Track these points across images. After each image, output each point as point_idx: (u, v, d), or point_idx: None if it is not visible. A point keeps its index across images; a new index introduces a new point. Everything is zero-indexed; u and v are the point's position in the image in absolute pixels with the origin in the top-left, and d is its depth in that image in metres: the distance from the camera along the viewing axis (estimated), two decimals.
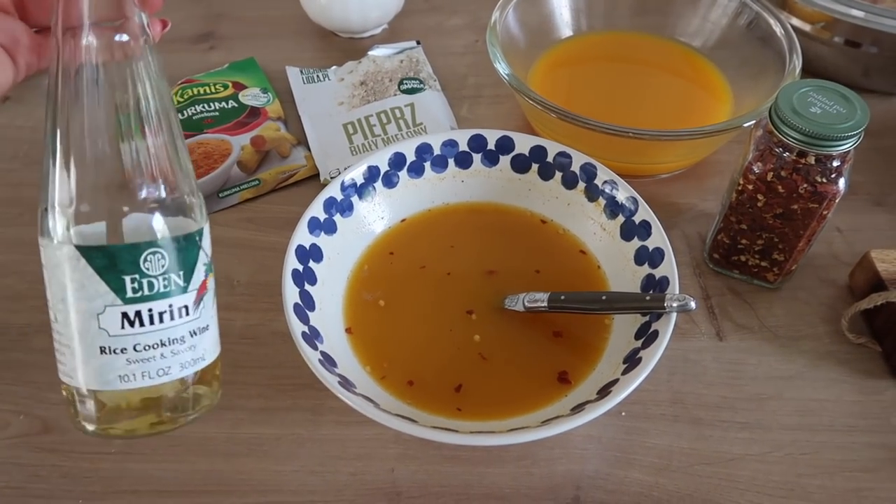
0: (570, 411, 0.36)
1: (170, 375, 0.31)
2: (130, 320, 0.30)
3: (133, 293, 0.30)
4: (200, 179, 0.53)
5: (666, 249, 0.41)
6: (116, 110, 0.30)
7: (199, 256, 0.32)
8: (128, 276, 0.30)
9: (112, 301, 0.30)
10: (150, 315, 0.30)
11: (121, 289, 0.30)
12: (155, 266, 0.30)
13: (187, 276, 0.31)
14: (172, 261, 0.31)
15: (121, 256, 0.29)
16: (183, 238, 0.31)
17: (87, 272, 0.29)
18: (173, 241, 0.31)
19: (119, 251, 0.29)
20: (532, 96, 0.49)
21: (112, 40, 0.30)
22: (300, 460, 0.41)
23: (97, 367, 0.30)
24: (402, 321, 0.43)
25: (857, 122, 0.39)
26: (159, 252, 0.30)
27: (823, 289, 0.48)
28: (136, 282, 0.30)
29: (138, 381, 0.30)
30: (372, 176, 0.46)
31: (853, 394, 0.43)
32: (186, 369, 0.32)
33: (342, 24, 0.65)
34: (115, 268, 0.29)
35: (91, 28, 0.30)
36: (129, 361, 0.30)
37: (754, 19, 0.57)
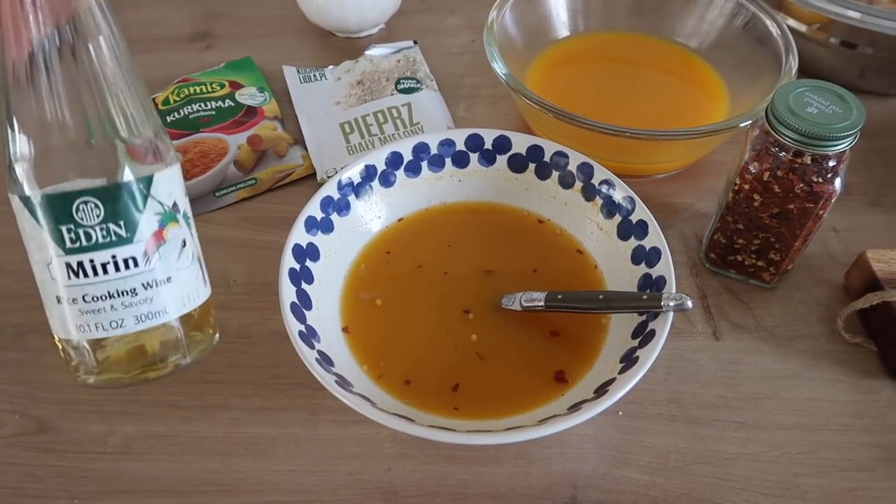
0: (567, 410, 0.36)
1: (124, 328, 0.31)
2: (74, 271, 0.30)
3: (72, 243, 0.30)
4: (197, 178, 0.53)
5: (663, 249, 0.41)
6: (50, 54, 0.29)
7: (146, 205, 0.31)
8: (64, 227, 0.30)
9: (56, 252, 0.30)
10: (92, 266, 0.30)
11: (60, 239, 0.30)
12: (89, 216, 0.30)
13: (129, 226, 0.31)
14: (108, 210, 0.30)
15: (53, 205, 0.29)
16: (119, 187, 0.30)
17: (31, 222, 0.30)
18: (107, 191, 0.30)
19: (52, 200, 0.29)
20: (529, 96, 0.50)
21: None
22: (297, 460, 0.41)
23: (57, 316, 0.31)
24: (399, 320, 0.43)
25: (853, 121, 0.39)
26: (91, 201, 0.30)
27: (819, 289, 0.48)
28: (73, 232, 0.30)
29: (93, 331, 0.31)
30: (369, 175, 0.46)
31: (849, 393, 0.43)
32: (142, 323, 0.32)
33: (339, 24, 0.65)
34: (51, 217, 0.29)
35: None
36: (81, 312, 0.30)
37: (751, 20, 0.57)
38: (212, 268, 0.49)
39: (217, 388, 0.43)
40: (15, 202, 0.30)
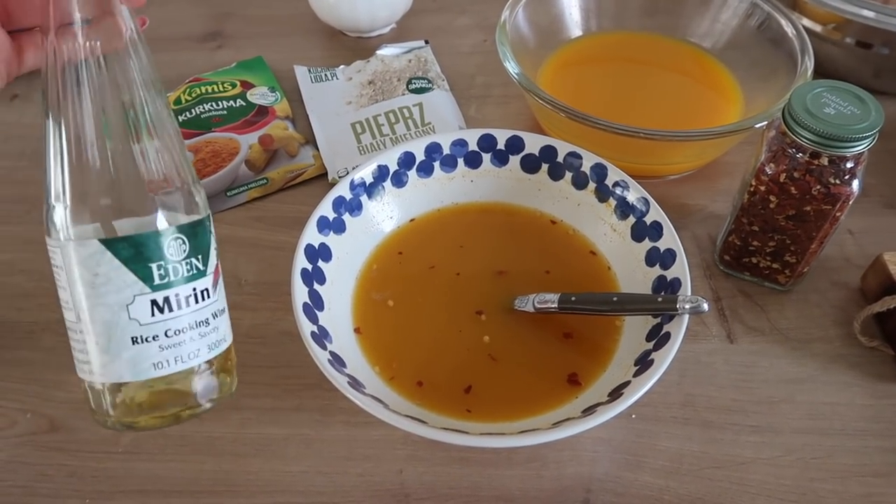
0: (580, 413, 0.36)
1: (199, 357, 0.32)
2: (160, 307, 0.31)
3: (160, 280, 0.31)
4: (208, 178, 0.53)
5: (678, 250, 0.41)
6: (122, 106, 0.31)
7: (211, 241, 0.34)
8: (154, 264, 0.31)
9: (141, 290, 0.31)
10: (177, 300, 0.31)
11: (148, 277, 0.31)
12: (177, 251, 0.31)
13: (205, 259, 0.33)
14: (191, 245, 0.32)
15: (146, 245, 0.31)
16: (198, 223, 0.33)
17: (113, 264, 0.30)
18: (190, 227, 0.32)
19: (145, 239, 0.31)
20: (542, 96, 0.49)
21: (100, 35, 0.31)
22: (308, 461, 0.41)
23: (129, 358, 0.31)
24: (412, 322, 0.43)
25: (871, 123, 0.39)
26: (180, 238, 0.31)
27: (835, 291, 0.48)
28: (162, 268, 0.31)
29: (172, 366, 0.31)
30: (381, 175, 0.46)
31: (865, 397, 0.43)
32: (214, 350, 0.33)
33: (350, 24, 0.65)
34: (142, 256, 0.31)
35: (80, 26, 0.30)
36: (161, 348, 0.31)
37: (765, 20, 0.57)
38: (223, 267, 0.49)
39: None
40: (87, 247, 0.30)
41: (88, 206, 0.30)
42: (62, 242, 0.31)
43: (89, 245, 0.30)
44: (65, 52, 0.30)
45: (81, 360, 0.32)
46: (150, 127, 0.32)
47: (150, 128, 0.32)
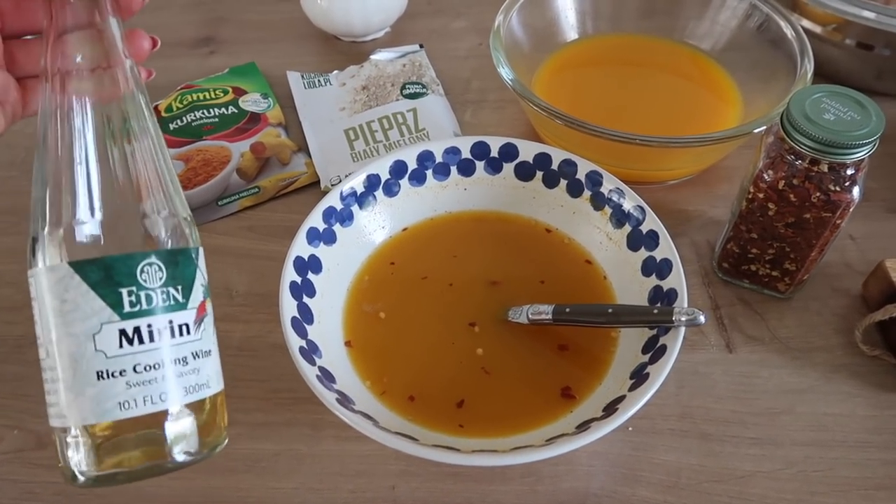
0: (575, 429, 0.35)
1: (172, 400, 0.29)
2: (129, 338, 0.28)
3: (131, 307, 0.28)
4: (199, 187, 0.52)
5: (674, 260, 0.40)
6: (105, 138, 0.30)
7: (196, 275, 0.31)
8: (125, 289, 0.28)
9: (109, 318, 0.28)
10: (149, 331, 0.29)
11: (118, 303, 0.28)
12: (152, 278, 0.29)
13: (186, 291, 0.30)
14: (169, 274, 0.30)
15: (116, 267, 0.28)
16: (179, 252, 0.30)
17: (81, 289, 0.28)
18: (169, 254, 0.30)
19: (115, 262, 0.28)
20: (536, 102, 0.48)
21: (100, 82, 0.31)
22: (299, 477, 0.40)
23: (94, 395, 0.28)
24: (403, 334, 0.42)
25: (872, 129, 0.38)
26: (156, 263, 0.29)
27: (836, 298, 0.47)
28: (134, 294, 0.29)
29: (139, 407, 0.28)
30: (372, 185, 0.45)
31: (867, 408, 0.42)
32: (191, 395, 0.30)
33: (344, 28, 0.65)
34: (112, 280, 0.28)
35: (79, 72, 0.30)
36: (128, 385, 0.28)
37: (764, 21, 0.56)
38: (214, 278, 0.48)
39: None
40: (57, 272, 0.29)
41: (63, 230, 0.29)
42: (37, 270, 0.29)
43: (59, 269, 0.28)
44: (57, 99, 0.30)
45: (51, 404, 0.30)
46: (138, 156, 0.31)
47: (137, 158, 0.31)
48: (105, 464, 0.29)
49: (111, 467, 0.29)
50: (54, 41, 0.30)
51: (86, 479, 0.29)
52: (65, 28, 0.30)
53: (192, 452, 0.30)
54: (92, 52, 0.31)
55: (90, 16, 0.31)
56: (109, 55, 0.31)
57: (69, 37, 0.30)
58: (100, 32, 0.31)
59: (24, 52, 0.35)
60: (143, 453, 0.29)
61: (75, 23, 0.30)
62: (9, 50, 0.34)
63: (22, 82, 0.35)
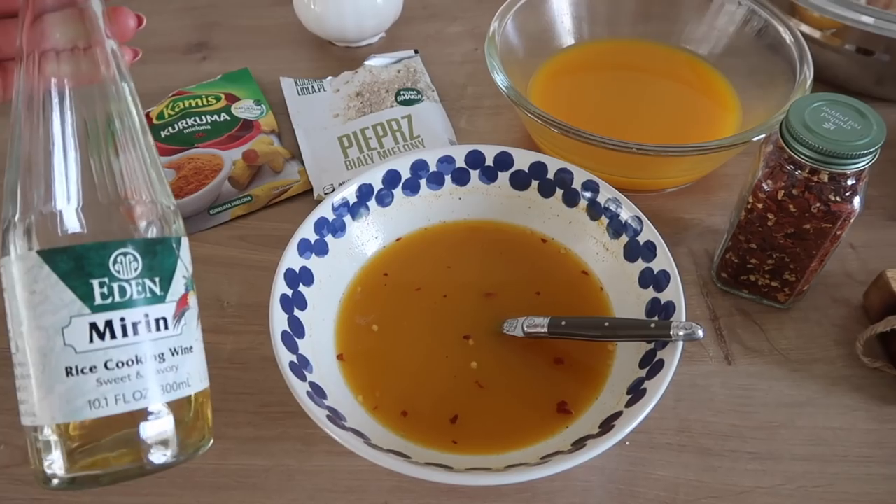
0: (571, 446, 0.35)
1: (147, 399, 0.27)
2: (100, 332, 0.27)
3: (102, 299, 0.27)
4: (191, 196, 0.52)
5: (672, 272, 0.39)
6: (85, 124, 0.29)
7: (177, 265, 0.29)
8: (96, 280, 0.27)
9: (79, 310, 0.27)
10: (122, 325, 0.27)
11: (88, 295, 0.27)
12: (126, 269, 0.28)
13: (164, 284, 0.29)
14: (146, 264, 0.28)
15: (88, 257, 0.27)
16: (158, 241, 0.29)
17: (50, 280, 0.27)
18: (146, 244, 0.28)
19: (86, 251, 0.27)
20: (532, 110, 0.48)
21: (78, 64, 0.29)
22: (290, 493, 0.39)
23: (62, 392, 0.27)
24: (396, 347, 0.41)
25: (873, 138, 0.37)
26: (131, 253, 0.28)
27: (836, 309, 0.46)
28: (106, 286, 0.27)
29: (111, 406, 0.27)
30: (365, 194, 0.45)
31: (869, 422, 0.41)
32: (170, 393, 0.28)
33: (338, 33, 0.64)
34: (82, 271, 0.27)
35: (56, 53, 0.28)
36: (99, 382, 0.27)
37: (763, 27, 0.55)
38: (205, 289, 0.48)
39: None
40: (26, 261, 0.27)
41: (34, 217, 0.27)
42: (8, 259, 0.28)
43: (28, 258, 0.27)
44: (33, 81, 0.28)
45: (22, 401, 0.28)
46: (118, 142, 0.29)
47: (116, 143, 0.29)
48: (79, 465, 0.28)
49: (86, 468, 0.28)
50: (32, 20, 0.28)
51: (59, 482, 0.28)
52: (43, 7, 0.28)
53: (172, 454, 0.29)
54: (71, 31, 0.29)
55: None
56: (90, 35, 0.29)
57: (48, 16, 0.28)
58: (80, 11, 0.29)
59: (2, 34, 0.33)
60: (119, 455, 0.28)
61: (54, 1, 0.29)
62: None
63: (2, 65, 0.33)
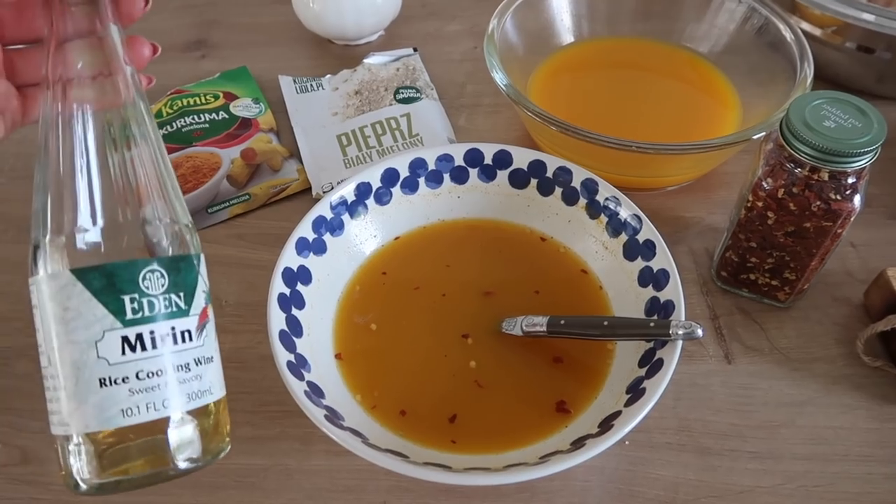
0: (570, 445, 0.35)
1: (175, 408, 0.29)
2: (132, 344, 0.29)
3: (133, 314, 0.29)
4: (189, 195, 0.52)
5: (671, 271, 0.39)
6: (107, 145, 0.30)
7: (198, 281, 0.31)
8: (127, 296, 0.29)
9: (111, 325, 0.28)
10: (152, 338, 0.29)
11: (120, 310, 0.29)
12: (155, 285, 0.29)
13: (188, 298, 0.30)
14: (171, 281, 0.30)
15: (119, 274, 0.29)
16: (181, 258, 0.31)
17: (83, 297, 0.28)
18: (171, 261, 0.30)
19: (117, 269, 0.29)
20: (531, 108, 0.47)
21: (101, 90, 0.31)
22: (289, 493, 0.39)
23: (96, 403, 0.28)
24: (395, 346, 0.41)
25: (873, 136, 0.37)
26: (158, 270, 0.29)
27: (837, 308, 0.46)
28: (136, 301, 0.29)
29: (143, 413, 0.29)
30: (363, 193, 0.44)
31: (869, 421, 0.41)
32: (194, 401, 0.30)
33: (337, 31, 0.64)
34: (114, 287, 0.28)
35: (80, 80, 0.30)
36: (131, 392, 0.29)
37: (763, 24, 0.55)
38: None
39: None
40: (59, 279, 0.29)
41: (65, 238, 0.29)
42: (38, 278, 0.29)
43: (61, 276, 0.29)
44: (58, 106, 0.30)
45: (53, 412, 0.30)
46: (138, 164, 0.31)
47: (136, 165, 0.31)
48: (108, 471, 0.29)
49: (114, 475, 0.29)
50: (55, 49, 0.30)
51: (88, 487, 0.29)
52: (66, 36, 0.30)
53: (195, 459, 0.30)
54: (93, 59, 0.31)
55: (91, 23, 0.31)
56: (110, 63, 0.31)
57: (70, 45, 0.30)
58: (100, 40, 0.31)
59: (24, 60, 0.34)
60: (146, 461, 0.29)
61: (76, 31, 0.30)
62: (9, 58, 0.34)
63: (21, 91, 0.35)
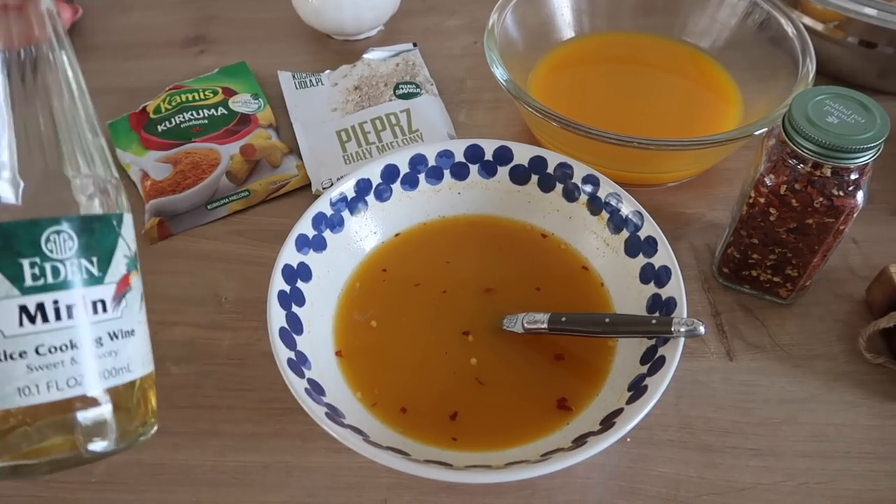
0: (571, 443, 0.34)
1: (84, 386, 0.26)
2: (31, 315, 0.25)
3: (33, 280, 0.25)
4: (188, 191, 0.51)
5: (673, 268, 0.39)
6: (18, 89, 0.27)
7: (117, 244, 0.28)
8: (26, 260, 0.25)
9: (7, 292, 0.25)
10: (55, 309, 0.26)
11: (18, 276, 0.25)
12: (60, 247, 0.26)
13: (103, 264, 0.27)
14: (83, 243, 0.26)
15: (17, 235, 0.25)
16: (95, 218, 0.27)
17: None
18: (83, 221, 0.26)
19: (15, 228, 0.25)
20: (531, 104, 0.47)
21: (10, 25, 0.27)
22: (288, 490, 0.39)
23: None
24: (395, 343, 0.41)
25: (876, 132, 0.37)
26: (65, 232, 0.26)
27: (839, 304, 0.46)
28: (37, 266, 0.25)
29: (42, 393, 0.25)
30: (363, 189, 0.44)
31: (871, 418, 0.41)
32: (108, 380, 0.27)
33: (336, 26, 0.63)
34: (11, 250, 0.25)
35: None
36: (30, 368, 0.25)
37: (765, 19, 0.54)
38: (202, 284, 0.48)
39: (207, 414, 0.42)
40: None
41: None
42: None
43: None
44: None
45: None
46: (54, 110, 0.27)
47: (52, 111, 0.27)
48: (13, 454, 0.26)
49: (21, 458, 0.26)
50: None
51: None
52: None
53: (111, 442, 0.27)
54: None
55: None
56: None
57: None
58: None
59: None
60: (53, 443, 0.26)
61: None
62: None
63: None
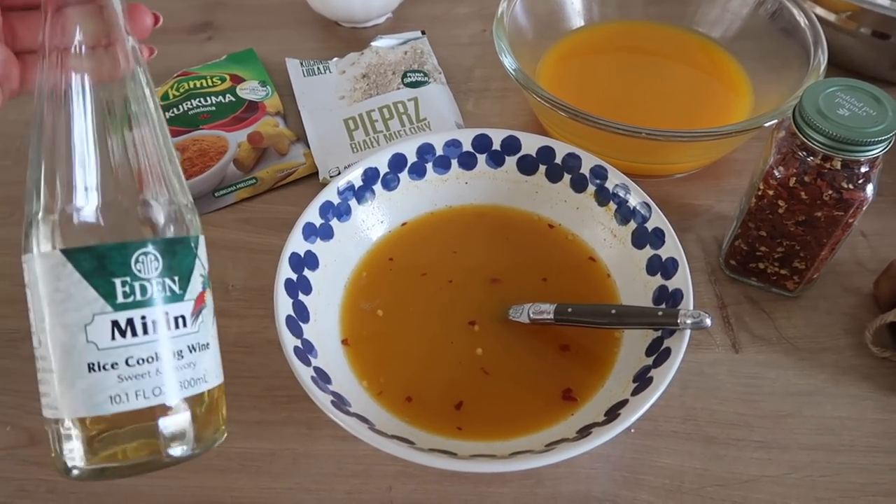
0: (576, 433, 0.34)
1: (166, 395, 0.28)
2: (122, 329, 0.28)
3: (124, 297, 0.28)
4: (195, 178, 0.51)
5: (680, 260, 0.39)
6: (104, 121, 0.29)
7: (195, 265, 0.30)
8: (118, 279, 0.28)
9: (101, 308, 0.27)
10: (143, 323, 0.28)
11: (110, 293, 0.28)
12: (147, 268, 0.28)
13: (183, 282, 0.29)
14: (166, 264, 0.29)
15: (110, 256, 0.28)
16: (177, 241, 0.29)
17: (73, 278, 0.27)
18: (166, 243, 0.29)
19: (108, 251, 0.28)
20: (540, 93, 0.47)
21: (100, 61, 0.29)
22: (295, 477, 0.39)
23: (85, 388, 0.28)
24: (401, 332, 0.41)
25: (888, 125, 0.36)
26: (151, 253, 0.28)
27: (846, 297, 0.46)
28: (128, 285, 0.28)
29: (132, 401, 0.28)
30: (370, 178, 0.44)
31: (877, 411, 0.41)
32: (188, 389, 0.29)
33: (344, 13, 0.63)
34: (105, 270, 0.27)
35: (78, 49, 0.29)
36: (120, 378, 0.28)
37: (777, 9, 0.54)
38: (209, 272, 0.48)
39: None
40: (49, 259, 0.28)
41: (57, 215, 0.28)
42: (30, 256, 0.29)
43: (52, 256, 0.28)
44: (55, 76, 0.29)
45: (44, 394, 0.29)
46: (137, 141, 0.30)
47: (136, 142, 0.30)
48: (99, 457, 0.28)
49: (105, 461, 0.28)
50: (53, 15, 0.29)
51: (79, 473, 0.28)
52: (64, 1, 0.29)
53: (189, 448, 0.29)
54: (92, 27, 0.29)
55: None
56: (110, 31, 0.30)
57: (68, 10, 0.29)
58: (100, 7, 0.30)
59: (24, 26, 0.33)
60: (137, 448, 0.29)
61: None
62: (9, 23, 0.33)
63: (21, 57, 0.34)
